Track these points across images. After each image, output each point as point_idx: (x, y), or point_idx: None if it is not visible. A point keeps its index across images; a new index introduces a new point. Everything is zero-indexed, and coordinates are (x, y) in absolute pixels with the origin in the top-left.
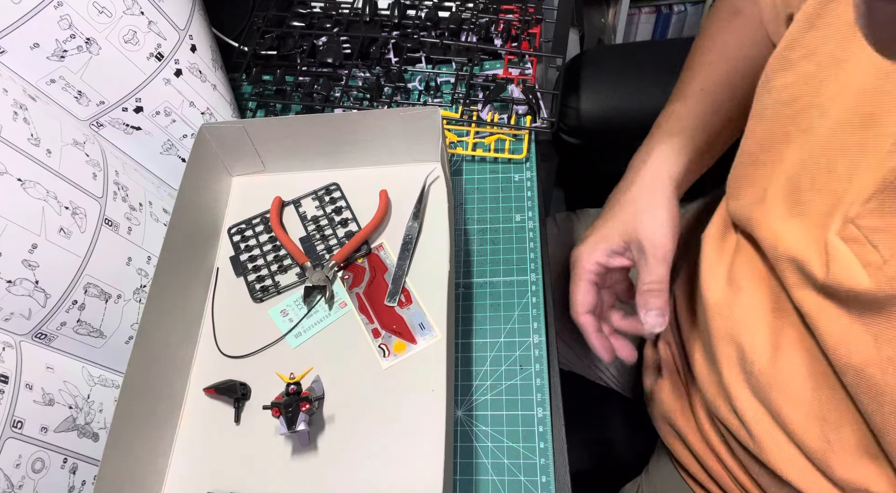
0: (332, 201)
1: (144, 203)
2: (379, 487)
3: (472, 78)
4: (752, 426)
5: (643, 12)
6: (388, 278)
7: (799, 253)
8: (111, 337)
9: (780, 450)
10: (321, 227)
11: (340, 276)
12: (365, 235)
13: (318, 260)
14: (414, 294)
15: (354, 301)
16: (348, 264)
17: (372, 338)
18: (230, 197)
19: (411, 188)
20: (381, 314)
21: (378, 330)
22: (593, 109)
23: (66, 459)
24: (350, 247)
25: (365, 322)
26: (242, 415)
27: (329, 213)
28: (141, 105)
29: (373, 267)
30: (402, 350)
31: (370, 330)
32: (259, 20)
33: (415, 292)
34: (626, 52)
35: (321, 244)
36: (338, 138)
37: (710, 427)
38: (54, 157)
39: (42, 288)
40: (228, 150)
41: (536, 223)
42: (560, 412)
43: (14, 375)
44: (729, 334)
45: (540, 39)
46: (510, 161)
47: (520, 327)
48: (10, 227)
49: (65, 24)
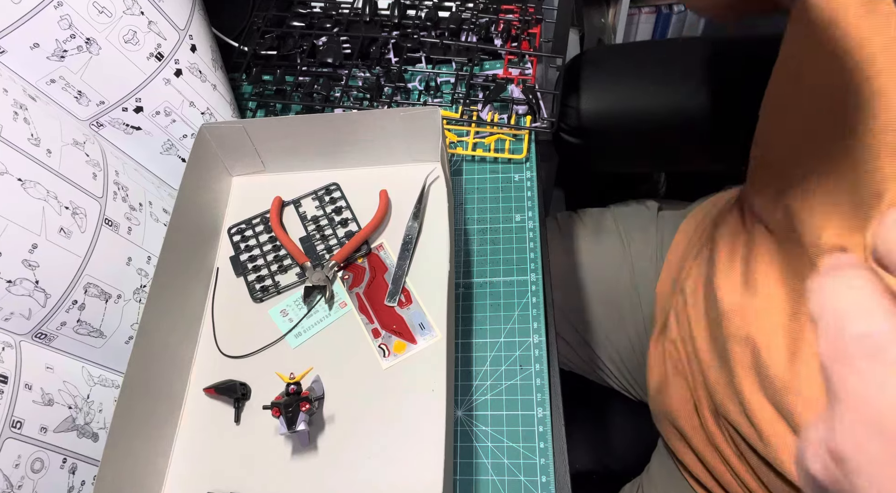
0: (332, 201)
1: (144, 203)
2: (379, 487)
3: (472, 78)
4: (763, 428)
5: (643, 12)
6: (388, 278)
7: (845, 244)
8: (111, 337)
9: (792, 453)
10: (321, 227)
11: (340, 276)
12: (365, 235)
13: (318, 260)
14: (414, 294)
15: (354, 301)
16: (348, 264)
17: (372, 338)
18: (230, 197)
19: (411, 188)
20: (381, 314)
21: (378, 330)
22: (593, 109)
23: (66, 459)
24: (350, 247)
25: (365, 322)
26: (242, 415)
27: (329, 213)
28: (141, 105)
29: (373, 267)
30: (402, 350)
31: (370, 330)
32: (259, 20)
33: (415, 292)
34: (626, 52)
35: (321, 244)
36: (338, 138)
37: (715, 428)
38: (54, 157)
39: (42, 288)
40: (228, 150)
41: (536, 223)
42: (560, 412)
43: (14, 375)
44: (743, 336)
45: (540, 39)
46: (510, 161)
47: (520, 327)
48: (10, 227)
49: (65, 24)
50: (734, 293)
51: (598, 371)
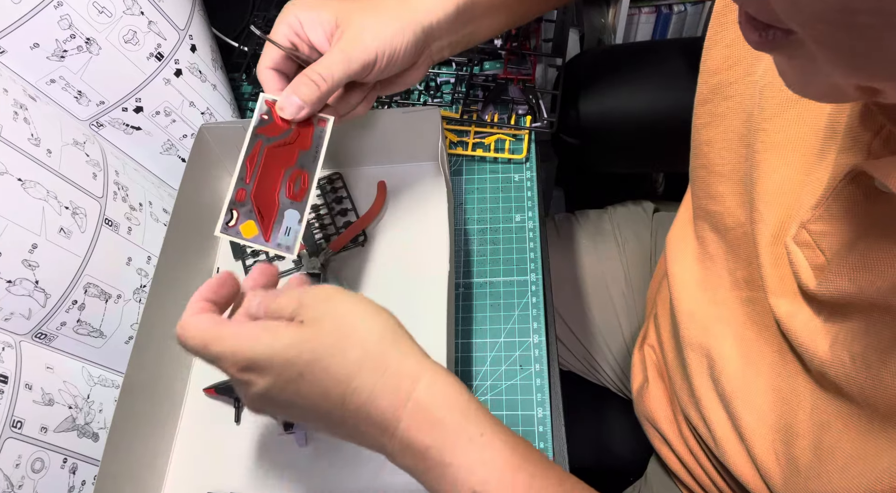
0: (333, 190)
1: (144, 203)
2: (379, 487)
3: (472, 78)
4: (716, 431)
5: (643, 12)
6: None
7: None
8: (111, 337)
9: (740, 457)
10: (320, 216)
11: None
12: (362, 224)
13: (316, 249)
14: (413, 293)
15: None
16: (344, 252)
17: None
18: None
19: (411, 188)
20: (265, 184)
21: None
22: (593, 109)
23: (66, 459)
24: (347, 236)
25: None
26: (242, 415)
27: (330, 202)
28: (141, 105)
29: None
30: (251, 234)
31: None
32: (259, 20)
33: (414, 292)
34: (627, 52)
35: (319, 233)
36: (338, 138)
37: (689, 432)
38: (54, 157)
39: (42, 288)
40: (228, 150)
41: (536, 223)
42: (560, 412)
43: (14, 375)
44: (698, 342)
45: (540, 39)
46: (510, 161)
47: (520, 327)
48: (10, 227)
49: (65, 24)
50: (689, 299)
51: (595, 372)
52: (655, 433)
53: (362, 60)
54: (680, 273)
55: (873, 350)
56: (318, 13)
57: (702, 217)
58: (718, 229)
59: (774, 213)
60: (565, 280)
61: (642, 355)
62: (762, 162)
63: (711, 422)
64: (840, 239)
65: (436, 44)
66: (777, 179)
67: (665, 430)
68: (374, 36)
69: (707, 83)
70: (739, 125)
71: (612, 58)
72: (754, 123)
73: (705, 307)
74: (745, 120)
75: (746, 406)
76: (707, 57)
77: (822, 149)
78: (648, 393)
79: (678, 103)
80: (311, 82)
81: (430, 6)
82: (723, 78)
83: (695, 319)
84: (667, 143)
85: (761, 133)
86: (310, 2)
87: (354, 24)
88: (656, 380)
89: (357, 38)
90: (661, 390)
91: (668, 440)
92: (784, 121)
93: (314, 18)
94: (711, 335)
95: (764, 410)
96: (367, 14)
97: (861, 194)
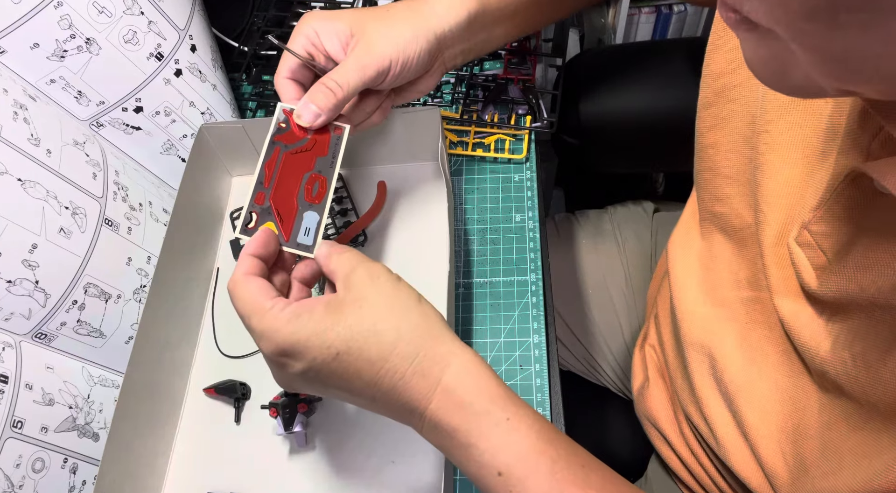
0: (335, 190)
1: (144, 203)
2: (379, 487)
3: (472, 78)
4: (718, 431)
5: (643, 12)
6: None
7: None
8: (111, 337)
9: (742, 457)
10: None
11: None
12: (362, 223)
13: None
14: None
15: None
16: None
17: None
18: (230, 197)
19: (411, 188)
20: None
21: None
22: (593, 109)
23: (67, 459)
24: (347, 236)
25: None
26: (242, 415)
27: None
28: (141, 105)
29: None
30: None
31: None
32: (259, 20)
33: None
34: (627, 52)
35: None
36: None
37: (689, 432)
38: (54, 157)
39: (42, 288)
40: (228, 150)
41: (536, 223)
42: (560, 412)
43: (14, 375)
44: (700, 342)
45: (540, 39)
46: (510, 161)
47: (520, 327)
48: (10, 227)
49: (65, 24)
50: (690, 300)
51: (595, 372)
52: (656, 433)
53: (377, 68)
54: (681, 274)
55: (873, 349)
56: (334, 23)
57: (708, 219)
58: (726, 231)
59: (778, 214)
60: (565, 280)
61: (643, 355)
62: (765, 164)
63: (713, 421)
64: (841, 239)
65: (449, 51)
66: (780, 181)
67: (666, 430)
68: (387, 44)
69: (710, 87)
70: (744, 128)
71: (612, 58)
72: (758, 125)
73: (707, 307)
74: (749, 122)
75: (750, 406)
76: (710, 60)
77: (823, 150)
78: (649, 393)
79: (679, 103)
80: (327, 90)
81: (443, 14)
82: (727, 81)
83: (696, 318)
84: (667, 143)
85: (764, 135)
86: (326, 13)
87: (368, 32)
88: (657, 380)
89: (371, 46)
90: (662, 389)
91: (668, 440)
92: (786, 123)
93: (330, 29)
94: (713, 335)
95: (768, 409)
96: (381, 23)
97: (861, 195)
